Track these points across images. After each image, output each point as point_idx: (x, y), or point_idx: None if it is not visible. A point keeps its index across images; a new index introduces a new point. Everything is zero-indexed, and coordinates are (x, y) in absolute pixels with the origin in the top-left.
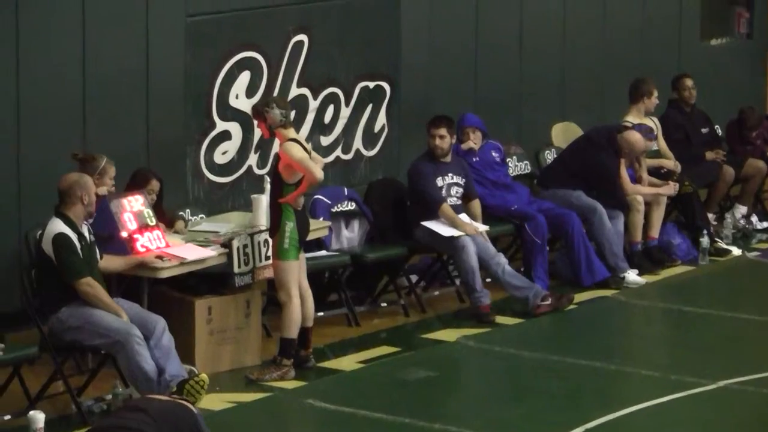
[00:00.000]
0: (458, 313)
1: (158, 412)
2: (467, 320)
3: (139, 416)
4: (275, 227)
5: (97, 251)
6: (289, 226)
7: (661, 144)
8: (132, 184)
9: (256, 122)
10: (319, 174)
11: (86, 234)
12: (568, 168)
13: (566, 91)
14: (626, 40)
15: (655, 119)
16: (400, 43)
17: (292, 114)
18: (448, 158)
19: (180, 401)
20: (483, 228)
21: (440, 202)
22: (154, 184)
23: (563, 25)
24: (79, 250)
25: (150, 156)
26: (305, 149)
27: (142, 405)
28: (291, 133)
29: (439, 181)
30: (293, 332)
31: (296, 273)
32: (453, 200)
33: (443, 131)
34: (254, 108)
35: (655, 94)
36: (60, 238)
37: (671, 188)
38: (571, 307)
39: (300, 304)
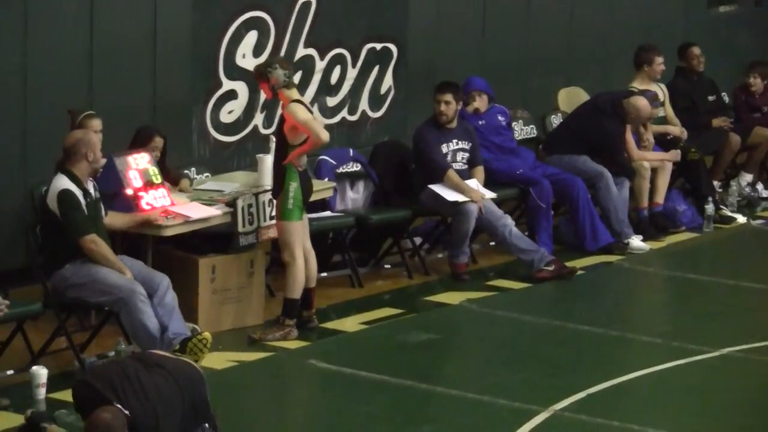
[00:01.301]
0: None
1: (174, 375)
2: (471, 284)
3: (161, 372)
4: (279, 188)
5: (103, 208)
6: (293, 187)
7: (668, 111)
8: (136, 141)
9: (258, 83)
10: (324, 135)
11: (91, 191)
12: (573, 133)
13: (573, 56)
14: (634, 5)
15: (663, 86)
16: (408, 6)
17: (298, 75)
18: (454, 124)
19: (189, 363)
20: (490, 195)
21: (445, 169)
22: (158, 141)
23: None
24: (84, 207)
25: (156, 115)
26: (309, 111)
27: (156, 360)
28: (294, 94)
29: (444, 148)
30: (296, 293)
31: (300, 234)
32: (459, 165)
33: (449, 97)
34: (257, 69)
35: (658, 60)
36: (65, 194)
37: (676, 155)
38: (577, 272)
39: (303, 265)
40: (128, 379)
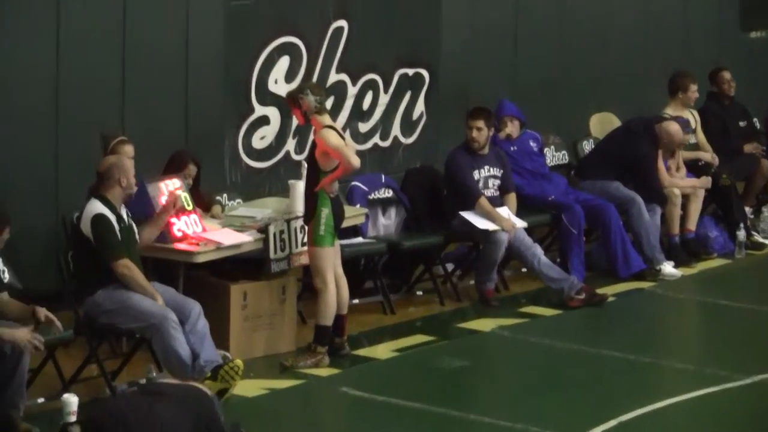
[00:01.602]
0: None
1: (179, 398)
2: (503, 310)
3: (167, 401)
4: (311, 214)
5: (137, 233)
6: (325, 213)
7: (700, 137)
8: (170, 167)
9: (290, 109)
10: (356, 161)
11: (125, 216)
12: (606, 158)
13: (605, 81)
14: (666, 31)
15: (694, 112)
16: (440, 31)
17: (330, 101)
18: (486, 150)
19: (195, 385)
20: (521, 224)
21: (477, 195)
22: (191, 169)
23: (603, 16)
24: (118, 231)
25: (188, 140)
26: (341, 136)
27: (161, 389)
28: (326, 119)
29: (476, 174)
30: (328, 319)
31: (332, 260)
32: (491, 192)
33: (480, 123)
34: (289, 94)
35: (693, 87)
36: (99, 219)
37: (707, 181)
38: (608, 299)
39: (335, 292)
40: (135, 413)
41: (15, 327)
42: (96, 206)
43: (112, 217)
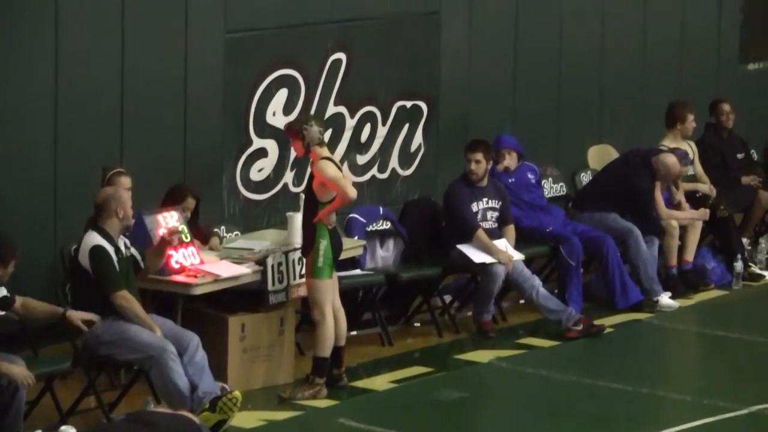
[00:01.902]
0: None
1: (166, 427)
2: (501, 341)
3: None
4: (309, 246)
5: (141, 261)
6: (323, 245)
7: (698, 168)
8: (168, 199)
9: (291, 140)
10: (352, 193)
11: (123, 248)
12: (604, 190)
13: (604, 113)
14: (664, 63)
15: (692, 143)
16: (439, 63)
17: (328, 133)
18: (485, 182)
19: (184, 414)
20: (518, 257)
21: (475, 228)
22: (190, 202)
23: (602, 48)
24: (116, 263)
25: (186, 171)
26: (338, 168)
27: (149, 418)
28: (324, 151)
29: (475, 206)
30: (326, 351)
31: (330, 292)
32: (489, 224)
33: (479, 156)
34: (290, 126)
35: (690, 118)
36: (97, 250)
37: (705, 213)
38: (606, 330)
39: (333, 323)
40: None
41: (13, 360)
42: (94, 238)
43: (110, 249)
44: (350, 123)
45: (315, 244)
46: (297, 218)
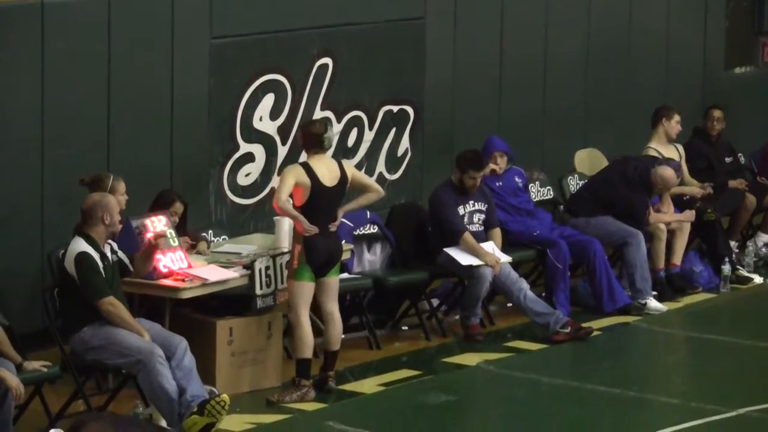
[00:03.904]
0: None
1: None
2: (488, 345)
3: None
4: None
5: (129, 266)
6: (297, 248)
7: (684, 173)
8: (156, 204)
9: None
10: (276, 200)
11: (109, 254)
12: (599, 198)
13: (590, 117)
14: (650, 68)
15: (679, 146)
16: (425, 68)
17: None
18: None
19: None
20: (505, 259)
21: (462, 231)
22: (178, 207)
23: (587, 53)
24: (102, 270)
25: (174, 177)
26: (310, 175)
27: (134, 421)
28: (312, 158)
29: (461, 210)
30: (305, 353)
31: (307, 294)
32: (475, 227)
33: (481, 174)
34: (317, 130)
35: (675, 118)
36: (82, 257)
37: (690, 215)
38: (593, 333)
39: (308, 325)
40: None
41: (3, 364)
42: (79, 245)
43: (96, 256)
44: (337, 128)
45: (292, 247)
46: (284, 222)
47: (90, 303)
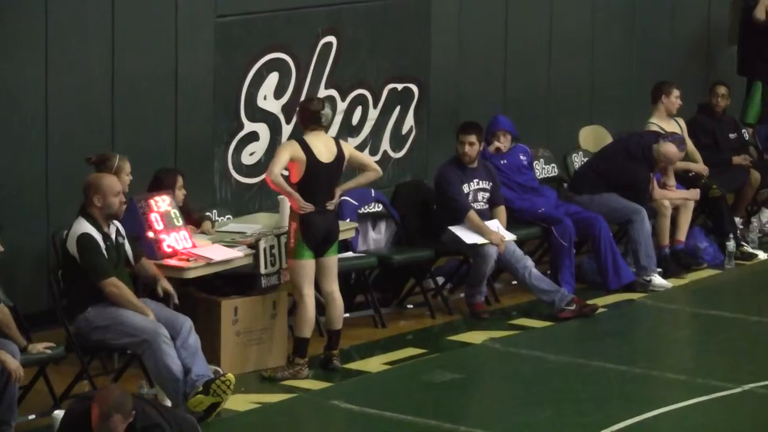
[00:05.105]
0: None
1: (166, 411)
2: (494, 323)
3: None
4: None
5: (129, 251)
6: (293, 227)
7: (689, 145)
8: (157, 184)
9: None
10: (269, 174)
11: (113, 234)
12: (602, 175)
13: (595, 94)
14: (654, 44)
15: (680, 120)
16: (430, 46)
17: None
18: (476, 164)
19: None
20: (510, 237)
21: (467, 209)
22: (181, 181)
23: (592, 29)
24: (104, 250)
25: (178, 157)
26: (305, 151)
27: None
28: (310, 135)
29: (466, 188)
30: (305, 332)
31: (308, 272)
32: (480, 205)
33: (473, 138)
34: (314, 108)
35: (674, 93)
36: (83, 239)
37: (696, 193)
38: (599, 310)
39: (312, 304)
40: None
41: (5, 346)
42: (81, 226)
43: (98, 236)
44: (341, 106)
45: (289, 226)
46: (287, 201)
47: (93, 284)
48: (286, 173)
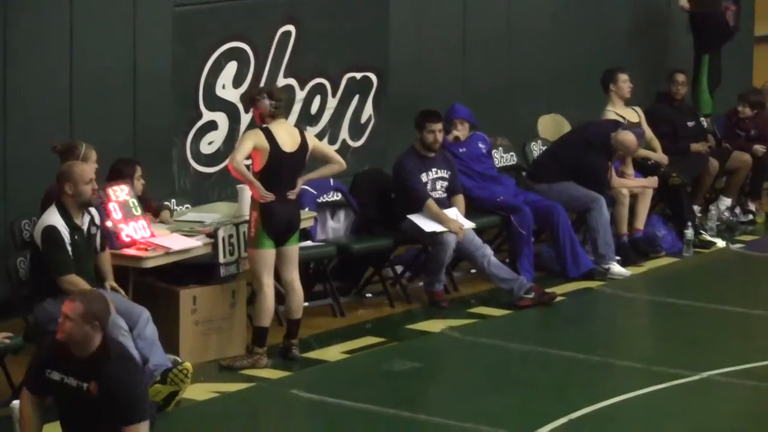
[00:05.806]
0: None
1: None
2: (453, 311)
3: None
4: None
5: (98, 241)
6: (254, 216)
7: (648, 133)
8: (116, 174)
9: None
10: (232, 161)
11: (85, 225)
12: (560, 163)
13: (554, 83)
14: (613, 32)
15: (638, 108)
16: (389, 35)
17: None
18: (434, 153)
19: None
20: (468, 225)
21: (425, 198)
22: (140, 171)
23: (551, 19)
24: (68, 245)
25: (137, 146)
26: (271, 141)
27: None
28: (274, 122)
29: (424, 177)
30: (264, 321)
31: (268, 262)
32: (438, 194)
33: (440, 126)
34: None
35: (622, 77)
36: (48, 231)
37: (654, 181)
38: (558, 298)
39: (272, 293)
40: None
41: None
42: (50, 217)
43: (65, 229)
44: (300, 95)
45: (250, 215)
46: (247, 190)
47: (52, 278)
48: (248, 162)
